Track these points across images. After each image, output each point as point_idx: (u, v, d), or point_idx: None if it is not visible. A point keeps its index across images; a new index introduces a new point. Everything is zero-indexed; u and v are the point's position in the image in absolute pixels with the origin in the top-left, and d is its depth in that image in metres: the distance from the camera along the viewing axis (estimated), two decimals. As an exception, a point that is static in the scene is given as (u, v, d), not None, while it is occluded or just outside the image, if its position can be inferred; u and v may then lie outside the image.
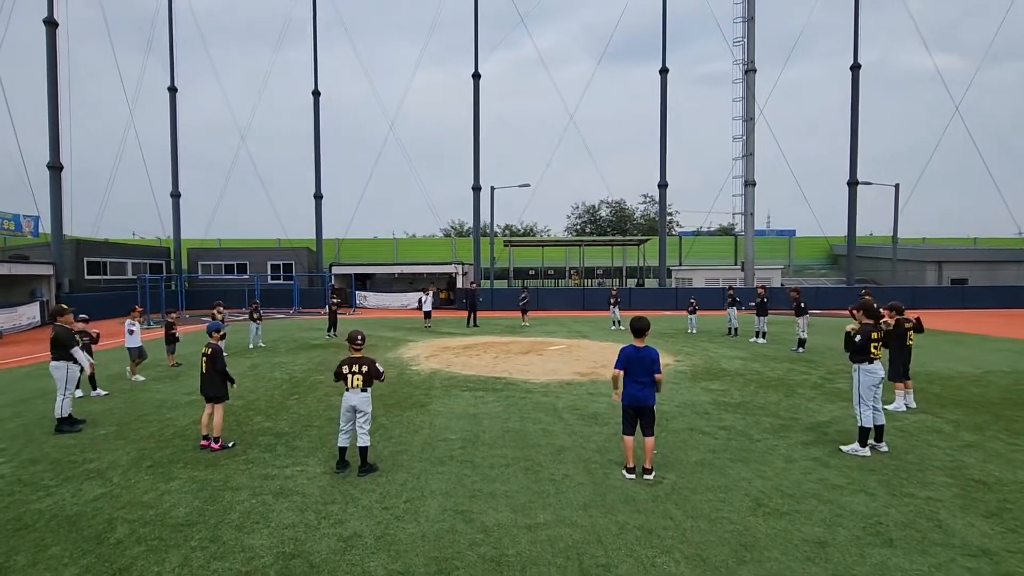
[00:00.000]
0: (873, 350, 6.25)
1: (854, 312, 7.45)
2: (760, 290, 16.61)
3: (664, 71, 34.85)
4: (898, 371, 8.24)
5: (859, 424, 6.24)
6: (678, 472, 5.71)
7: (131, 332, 11.00)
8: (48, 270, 24.63)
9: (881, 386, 6.34)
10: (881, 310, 8.59)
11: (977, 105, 71.81)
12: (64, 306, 8.10)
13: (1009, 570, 3.81)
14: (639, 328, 5.54)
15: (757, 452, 6.34)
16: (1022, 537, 4.27)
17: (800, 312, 14.49)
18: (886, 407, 8.08)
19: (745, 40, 32.54)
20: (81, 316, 9.79)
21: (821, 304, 28.72)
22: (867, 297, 9.52)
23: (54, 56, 26.19)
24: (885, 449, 6.27)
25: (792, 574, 3.78)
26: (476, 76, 35.60)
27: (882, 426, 6.34)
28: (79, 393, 9.28)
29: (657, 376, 5.45)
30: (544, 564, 3.94)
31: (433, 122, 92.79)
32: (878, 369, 6.25)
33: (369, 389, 5.78)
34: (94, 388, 9.60)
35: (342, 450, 5.82)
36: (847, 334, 6.45)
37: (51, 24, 26.26)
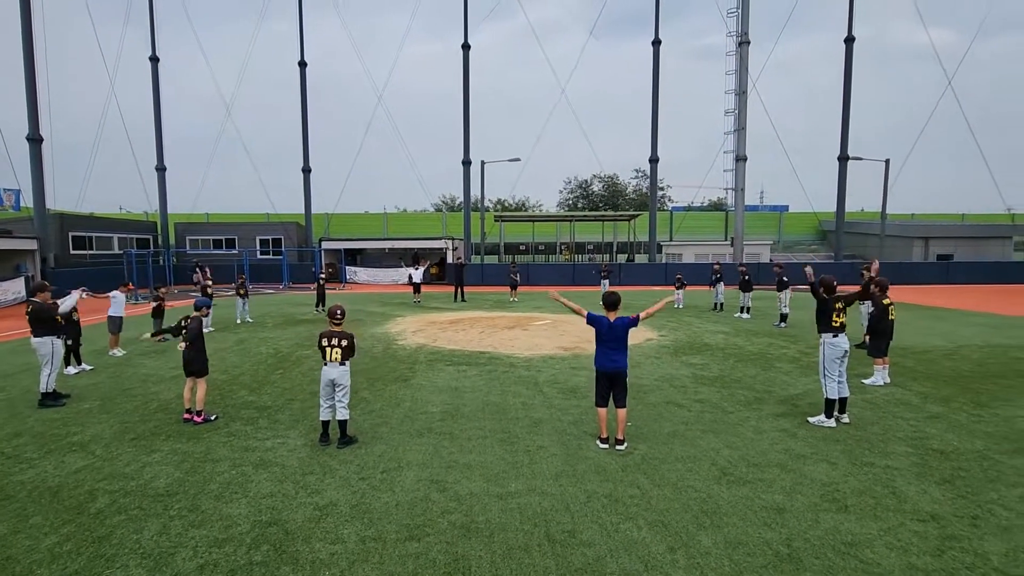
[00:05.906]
0: (835, 319, 6.41)
1: (872, 286, 7.72)
2: (742, 268, 16.87)
3: (656, 43, 34.33)
4: (879, 347, 8.42)
5: (824, 396, 6.43)
6: (650, 443, 5.87)
7: (114, 300, 11.05)
8: (32, 245, 24.32)
9: (847, 359, 6.50)
10: (872, 288, 8.77)
11: (970, 80, 71.42)
12: (46, 283, 8.14)
13: (953, 533, 4.00)
14: (611, 302, 5.73)
15: (728, 424, 6.52)
16: (970, 503, 4.47)
17: (782, 287, 14.67)
18: (863, 381, 8.31)
19: (739, 11, 31.94)
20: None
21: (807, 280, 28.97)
22: (869, 274, 9.84)
23: (28, 22, 25.34)
24: (846, 420, 6.47)
25: (748, 538, 3.95)
26: (466, 47, 34.90)
27: (846, 399, 6.52)
28: (71, 371, 9.33)
29: (638, 318, 5.77)
30: (512, 530, 4.09)
31: (423, 95, 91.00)
32: (842, 342, 6.41)
33: (348, 363, 5.89)
34: (79, 363, 9.62)
35: (325, 423, 5.91)
36: (820, 287, 6.65)
37: (24, -11, 25.31)
